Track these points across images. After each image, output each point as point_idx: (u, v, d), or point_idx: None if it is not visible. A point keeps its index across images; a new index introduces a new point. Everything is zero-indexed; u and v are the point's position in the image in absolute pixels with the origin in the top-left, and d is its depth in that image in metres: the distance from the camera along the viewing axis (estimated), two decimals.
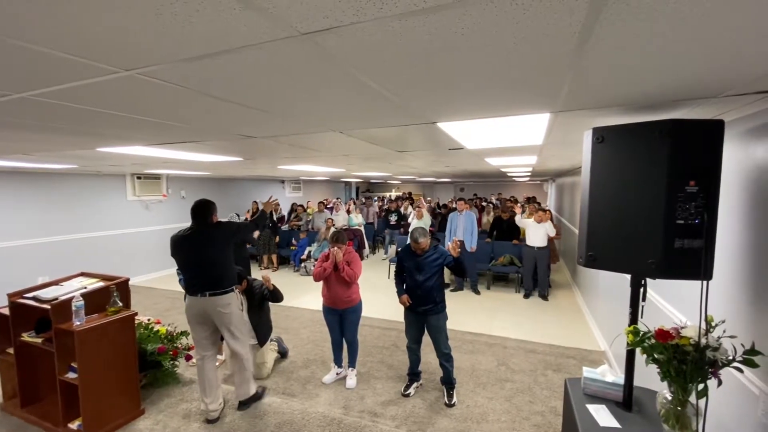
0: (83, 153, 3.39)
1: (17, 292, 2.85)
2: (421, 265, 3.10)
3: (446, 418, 2.96)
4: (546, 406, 3.11)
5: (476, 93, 1.38)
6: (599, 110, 1.73)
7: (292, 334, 4.66)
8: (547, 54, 0.97)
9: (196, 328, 2.79)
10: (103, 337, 2.61)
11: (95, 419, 2.56)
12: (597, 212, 1.68)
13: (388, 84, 1.26)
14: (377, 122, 1.94)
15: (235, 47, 0.93)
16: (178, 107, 1.60)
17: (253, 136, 2.48)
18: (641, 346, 1.50)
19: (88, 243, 6.68)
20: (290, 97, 1.43)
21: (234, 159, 4.14)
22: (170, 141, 2.63)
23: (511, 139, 2.61)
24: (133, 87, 1.27)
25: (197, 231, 2.75)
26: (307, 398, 3.25)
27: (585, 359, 3.94)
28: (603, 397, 1.84)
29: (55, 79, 1.17)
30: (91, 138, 2.42)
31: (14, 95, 1.33)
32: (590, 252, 1.71)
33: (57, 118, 1.74)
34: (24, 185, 5.79)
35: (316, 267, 3.36)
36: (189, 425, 2.74)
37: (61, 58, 0.99)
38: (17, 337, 2.81)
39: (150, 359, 3.10)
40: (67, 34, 0.85)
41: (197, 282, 2.71)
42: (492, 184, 17.76)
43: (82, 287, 2.83)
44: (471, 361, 3.89)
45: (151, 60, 1.02)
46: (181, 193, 8.43)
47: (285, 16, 0.74)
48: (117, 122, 1.88)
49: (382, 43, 0.90)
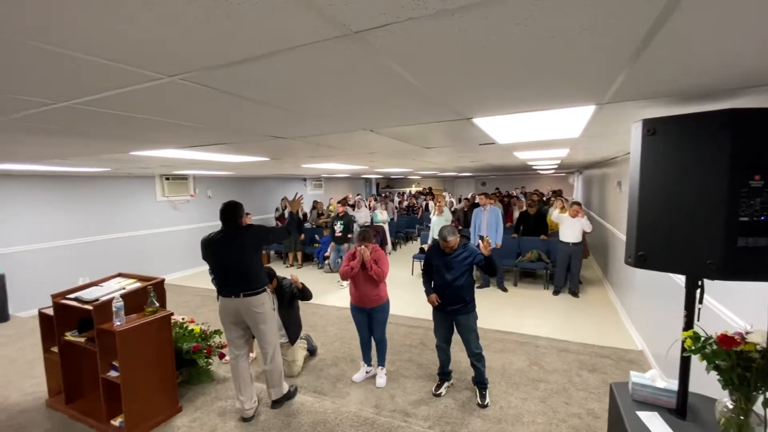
0: (117, 156, 3.48)
1: (60, 293, 2.95)
2: (450, 264, 3.04)
3: (480, 419, 2.91)
4: (583, 408, 3.01)
5: (521, 87, 1.31)
6: (647, 101, 1.63)
7: (320, 331, 4.69)
8: (611, 44, 0.90)
9: (230, 328, 2.83)
10: (142, 336, 2.67)
11: (136, 416, 2.64)
12: (648, 209, 1.59)
13: (431, 81, 1.21)
14: (412, 119, 1.89)
15: (281, 49, 0.90)
16: (215, 111, 1.59)
17: (283, 137, 2.47)
18: (702, 352, 1.41)
19: (121, 243, 6.92)
20: (328, 97, 1.40)
21: (260, 159, 4.18)
22: (202, 143, 2.65)
23: (547, 133, 2.51)
24: (173, 92, 1.26)
25: (228, 234, 2.77)
26: (338, 397, 3.26)
27: (622, 359, 3.80)
28: (654, 404, 1.75)
29: (100, 88, 1.18)
30: (127, 142, 2.47)
31: (61, 104, 1.35)
32: (640, 251, 1.62)
33: (98, 124, 1.77)
34: (60, 188, 6.03)
35: (343, 266, 3.36)
36: (225, 423, 2.79)
37: (107, 66, 0.99)
38: (61, 337, 2.92)
39: (185, 357, 3.17)
40: (114, 42, 0.84)
41: (230, 284, 2.74)
42: (515, 177, 17.37)
43: (121, 288, 2.91)
44: (502, 361, 3.81)
45: (194, 65, 1.01)
46: (207, 192, 8.61)
47: (340, 14, 0.70)
48: (153, 127, 1.90)
49: (434, 39, 0.85)
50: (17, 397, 3.28)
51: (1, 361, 3.98)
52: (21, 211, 5.59)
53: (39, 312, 3.08)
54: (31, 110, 1.43)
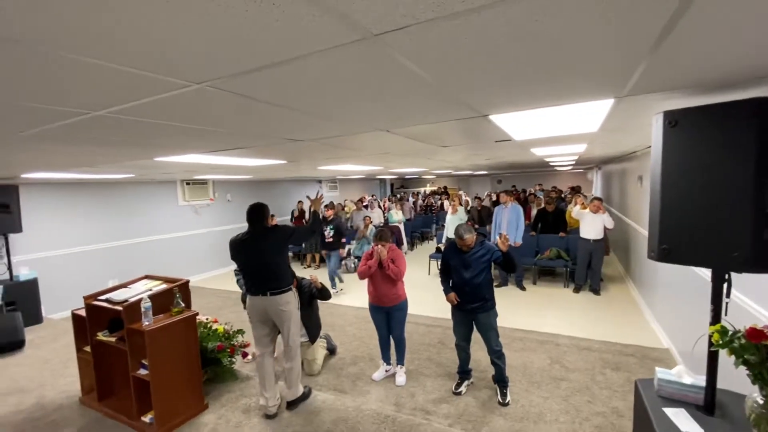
0: (142, 162, 3.61)
1: (92, 294, 3.09)
2: (467, 262, 3.04)
3: (501, 418, 2.90)
4: (607, 407, 2.96)
5: (538, 82, 1.31)
6: (667, 93, 1.61)
7: (339, 331, 4.74)
8: (630, 35, 0.90)
9: (257, 326, 2.91)
10: (169, 335, 2.77)
11: (165, 413, 2.73)
12: (670, 202, 1.56)
13: (447, 79, 1.23)
14: (428, 118, 1.91)
15: (302, 54, 0.93)
16: (236, 115, 1.65)
17: (300, 140, 2.53)
18: (730, 346, 1.38)
19: (146, 247, 7.15)
20: (346, 99, 1.43)
21: (278, 162, 4.26)
22: (223, 148, 2.73)
23: (564, 128, 2.49)
24: (199, 99, 1.32)
25: (255, 234, 2.86)
26: (358, 395, 3.29)
27: (646, 357, 3.72)
28: (680, 400, 1.72)
29: (132, 97, 1.24)
30: (152, 148, 2.57)
31: (93, 113, 1.42)
32: (663, 245, 1.59)
33: (127, 131, 1.85)
34: (88, 195, 6.28)
35: (360, 265, 3.39)
36: (250, 419, 2.86)
37: (141, 76, 1.04)
38: (93, 336, 3.05)
39: (210, 356, 3.26)
40: (149, 53, 0.89)
41: (258, 283, 2.83)
42: (532, 174, 17.12)
43: (148, 289, 3.02)
44: (522, 359, 3.78)
45: (221, 72, 1.05)
46: (227, 196, 8.80)
47: (362, 19, 0.73)
48: (178, 133, 1.97)
49: (450, 39, 0.88)
50: (52, 395, 3.44)
51: (36, 361, 4.17)
52: (52, 218, 5.85)
53: (72, 313, 3.22)
54: (68, 120, 1.51)
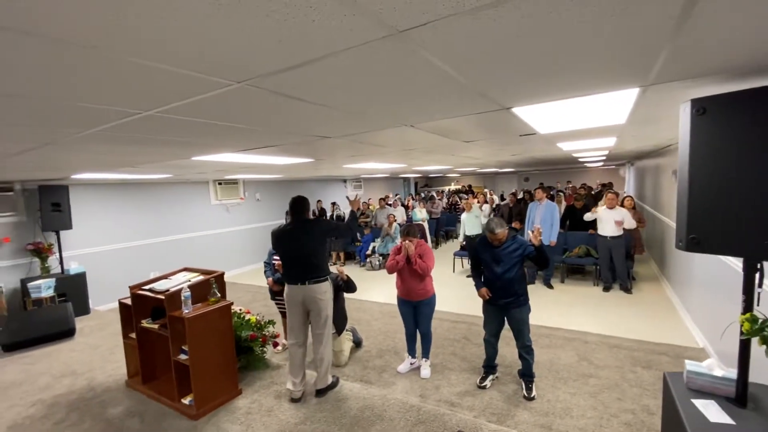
0: (179, 162, 3.84)
1: (136, 285, 3.32)
2: (498, 257, 3.04)
3: (526, 411, 2.90)
4: (637, 404, 2.91)
5: (560, 73, 1.34)
6: (694, 80, 1.59)
7: (364, 325, 4.84)
8: (647, 20, 0.92)
9: (294, 314, 3.05)
10: (207, 323, 2.95)
11: (204, 396, 2.91)
12: (699, 191, 1.55)
13: (470, 73, 1.28)
14: (452, 112, 1.96)
15: (334, 51, 1.02)
16: (271, 113, 1.76)
17: (328, 137, 2.63)
18: (761, 335, 1.36)
19: (182, 243, 7.55)
20: (373, 94, 1.51)
21: (305, 160, 4.40)
22: (256, 146, 2.88)
23: (590, 120, 2.47)
24: (239, 98, 1.43)
25: (297, 225, 3.01)
26: (384, 386, 3.37)
27: (680, 356, 3.60)
28: (710, 393, 1.70)
29: (180, 96, 1.36)
30: (191, 147, 2.74)
31: (145, 113, 1.56)
32: (692, 235, 1.58)
33: (171, 130, 2.01)
34: (129, 195, 6.70)
35: (389, 260, 3.47)
36: (281, 404, 3.00)
37: (190, 76, 1.16)
38: (138, 324, 3.28)
39: (243, 345, 3.44)
40: (199, 54, 1.00)
41: (298, 272, 2.97)
42: (560, 171, 16.70)
43: (187, 280, 3.22)
44: (549, 356, 3.75)
45: (261, 71, 1.15)
46: (256, 195, 9.11)
47: (389, 17, 0.80)
48: (216, 131, 2.11)
49: (473, 33, 0.93)
50: (101, 378, 3.71)
51: (86, 348, 4.50)
52: (97, 216, 6.28)
53: (119, 302, 3.47)
54: (122, 120, 1.67)
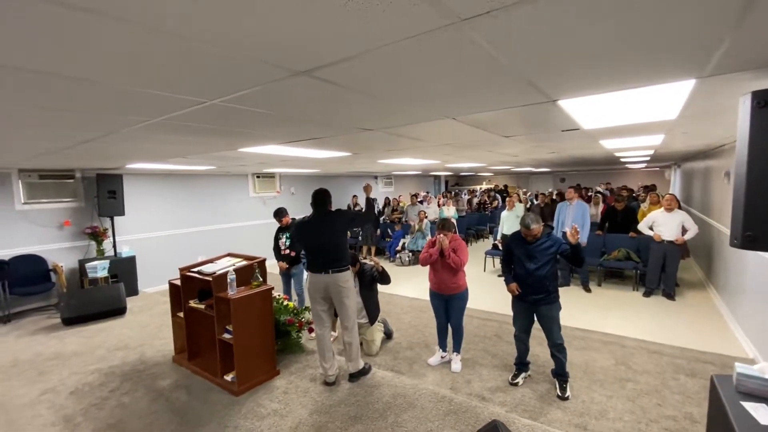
0: (225, 154, 4.03)
1: (185, 267, 3.54)
2: (531, 253, 3.02)
3: (560, 410, 2.87)
4: (679, 412, 2.81)
5: (615, 63, 1.34)
6: (755, 72, 1.53)
7: (395, 318, 4.91)
8: (710, 7, 0.92)
9: (317, 302, 3.16)
10: (250, 305, 3.11)
11: (245, 374, 3.08)
12: (757, 187, 1.50)
13: (523, 62, 1.30)
14: (498, 104, 1.97)
15: (394, 41, 1.07)
16: (321, 104, 1.84)
17: (370, 129, 2.71)
18: None
19: (222, 233, 7.96)
20: (424, 83, 1.56)
21: (343, 154, 4.51)
22: (301, 138, 3.00)
23: (638, 115, 2.41)
24: (296, 88, 1.52)
25: (320, 217, 3.10)
26: (414, 376, 3.42)
27: (727, 366, 3.42)
28: (761, 396, 1.64)
29: (244, 85, 1.47)
30: (241, 138, 2.89)
31: (209, 102, 1.69)
32: (748, 232, 1.53)
33: (226, 120, 2.14)
34: (176, 185, 7.12)
35: (423, 252, 3.52)
36: (315, 387, 3.12)
37: (257, 64, 1.25)
38: (186, 304, 3.50)
39: (281, 329, 3.59)
40: (270, 42, 1.08)
41: (320, 261, 3.07)
42: (599, 172, 16.07)
43: (231, 265, 3.40)
44: (584, 358, 3.67)
45: (324, 60, 1.22)
46: (291, 189, 9.39)
47: (454, 4, 0.85)
48: (268, 122, 2.23)
49: (530, 21, 0.96)
50: (151, 353, 3.99)
51: (136, 325, 4.84)
52: (147, 204, 6.72)
53: (169, 282, 3.71)
54: (186, 109, 1.81)
